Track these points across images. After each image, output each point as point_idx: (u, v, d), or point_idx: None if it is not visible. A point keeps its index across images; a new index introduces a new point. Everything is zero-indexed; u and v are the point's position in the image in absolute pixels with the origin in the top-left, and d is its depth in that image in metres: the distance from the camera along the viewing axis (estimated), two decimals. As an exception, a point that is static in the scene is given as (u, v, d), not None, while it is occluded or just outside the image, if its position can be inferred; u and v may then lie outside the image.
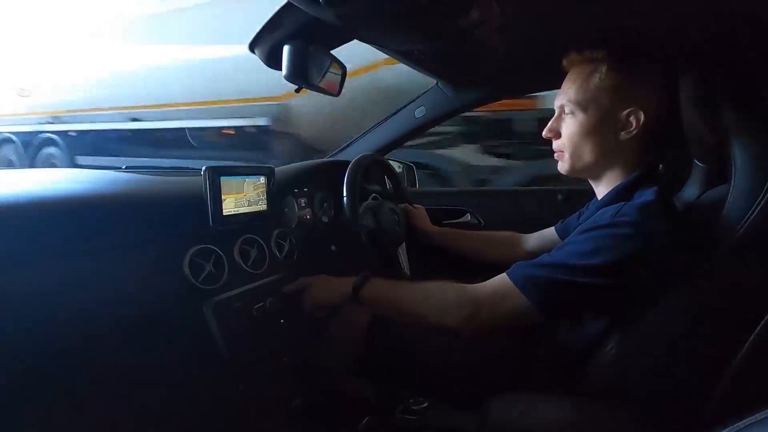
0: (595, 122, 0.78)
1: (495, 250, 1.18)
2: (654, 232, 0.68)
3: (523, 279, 0.71)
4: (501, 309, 0.72)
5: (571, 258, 0.70)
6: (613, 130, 0.78)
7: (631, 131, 0.76)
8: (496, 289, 0.73)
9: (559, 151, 0.85)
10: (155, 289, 0.75)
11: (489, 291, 0.74)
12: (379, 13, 0.78)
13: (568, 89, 0.82)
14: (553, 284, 0.70)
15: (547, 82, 1.33)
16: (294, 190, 1.23)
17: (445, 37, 0.88)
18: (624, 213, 0.70)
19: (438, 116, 1.49)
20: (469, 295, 0.74)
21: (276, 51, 0.99)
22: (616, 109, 0.77)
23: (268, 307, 0.92)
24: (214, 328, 0.81)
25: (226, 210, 0.88)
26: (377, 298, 0.84)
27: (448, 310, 0.74)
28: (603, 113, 0.78)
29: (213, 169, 0.87)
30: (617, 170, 0.81)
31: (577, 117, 0.80)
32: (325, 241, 1.19)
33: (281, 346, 0.95)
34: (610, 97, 0.77)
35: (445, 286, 0.77)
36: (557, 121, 0.84)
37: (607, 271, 0.68)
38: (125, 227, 0.76)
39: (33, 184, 0.82)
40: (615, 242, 0.68)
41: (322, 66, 1.06)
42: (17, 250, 0.60)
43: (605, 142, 0.79)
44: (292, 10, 0.89)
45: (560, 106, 0.84)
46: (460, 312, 0.73)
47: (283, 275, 1.00)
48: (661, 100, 0.77)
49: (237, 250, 0.91)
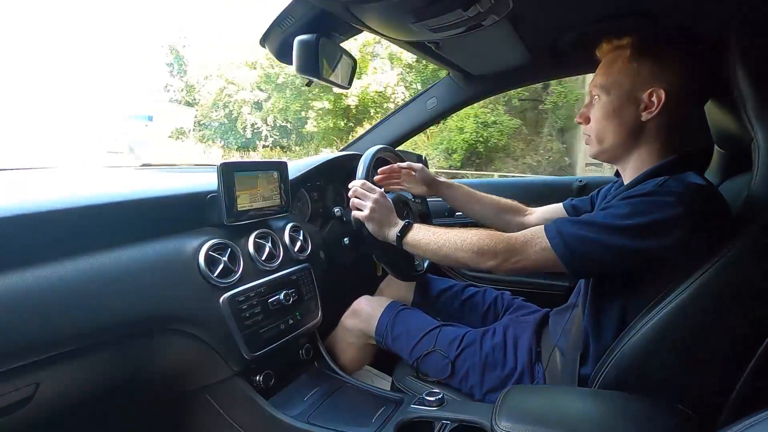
0: (618, 104, 0.80)
1: (499, 217, 1.19)
2: (698, 211, 0.68)
3: (554, 231, 0.76)
4: (531, 256, 0.77)
5: (606, 218, 0.73)
6: (635, 110, 0.78)
7: (652, 111, 0.77)
8: (529, 238, 0.78)
9: (587, 135, 0.87)
10: (172, 283, 0.77)
11: (522, 239, 0.79)
12: (389, 4, 0.78)
13: (595, 76, 0.84)
14: (579, 239, 0.73)
15: (560, 70, 1.31)
16: (307, 183, 1.24)
17: (457, 28, 0.87)
18: (669, 185, 0.71)
19: (449, 107, 1.48)
20: (504, 241, 0.80)
21: (286, 45, 0.99)
22: (636, 90, 0.78)
23: (282, 300, 0.93)
24: (230, 321, 0.82)
25: (240, 205, 0.89)
26: (418, 244, 0.91)
27: (484, 255, 0.81)
28: (624, 94, 0.79)
29: (227, 165, 0.88)
30: (643, 153, 0.81)
31: (601, 100, 0.82)
32: (337, 234, 1.20)
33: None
34: (631, 79, 0.78)
35: (482, 233, 0.83)
36: (588, 107, 0.86)
37: (639, 232, 0.69)
38: (142, 222, 0.77)
39: (53, 182, 0.84)
40: (654, 207, 0.69)
41: (333, 59, 1.06)
42: (41, 247, 0.62)
43: (627, 122, 0.80)
44: (302, 3, 0.89)
45: (590, 92, 0.86)
46: (495, 257, 0.80)
47: (296, 269, 1.01)
48: (683, 82, 0.76)
49: (251, 244, 0.92)
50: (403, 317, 1.04)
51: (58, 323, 0.61)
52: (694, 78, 0.77)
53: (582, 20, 0.95)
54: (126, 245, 0.73)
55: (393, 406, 0.89)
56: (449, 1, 0.75)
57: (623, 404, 0.67)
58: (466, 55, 1.22)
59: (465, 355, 0.94)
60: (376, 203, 0.96)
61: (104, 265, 0.68)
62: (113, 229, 0.72)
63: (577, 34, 1.00)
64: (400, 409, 0.87)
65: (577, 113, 1.42)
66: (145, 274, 0.73)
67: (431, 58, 1.23)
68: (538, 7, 0.89)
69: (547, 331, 0.97)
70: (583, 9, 0.90)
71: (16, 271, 0.59)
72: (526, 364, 0.91)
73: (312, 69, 0.98)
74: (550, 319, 0.99)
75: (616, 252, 0.71)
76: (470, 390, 0.92)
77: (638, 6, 0.85)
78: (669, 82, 0.76)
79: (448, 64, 1.29)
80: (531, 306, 1.12)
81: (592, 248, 0.72)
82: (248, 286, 0.88)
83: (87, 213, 0.69)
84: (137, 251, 0.74)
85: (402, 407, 0.87)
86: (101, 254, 0.69)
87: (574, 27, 0.97)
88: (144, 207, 0.79)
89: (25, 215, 0.62)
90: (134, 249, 0.74)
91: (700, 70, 0.77)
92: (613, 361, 0.72)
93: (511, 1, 0.78)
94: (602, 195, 0.99)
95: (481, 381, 0.92)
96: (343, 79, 1.14)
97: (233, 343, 0.83)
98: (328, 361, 1.06)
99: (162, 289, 0.75)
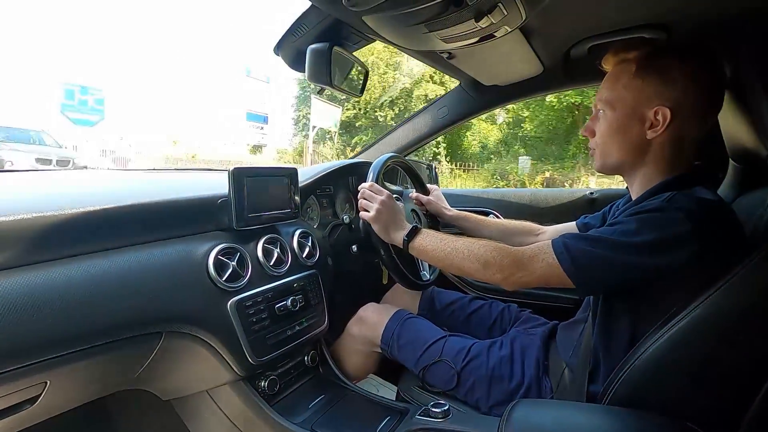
0: (622, 120, 0.79)
1: (511, 240, 1.19)
2: (706, 227, 0.67)
3: (561, 245, 0.75)
4: (537, 270, 0.76)
5: (613, 234, 0.71)
6: (640, 128, 0.77)
7: (657, 129, 0.75)
8: (536, 252, 0.77)
9: (592, 149, 0.86)
10: (181, 285, 0.77)
11: (529, 253, 0.78)
12: (402, 14, 0.78)
13: (600, 89, 0.83)
14: (586, 255, 0.72)
15: (572, 82, 1.31)
16: (316, 190, 1.25)
17: (469, 38, 0.87)
18: (677, 200, 0.70)
19: (460, 116, 1.48)
20: (511, 255, 0.79)
21: (300, 53, 1.00)
22: (641, 107, 0.76)
23: (289, 305, 0.93)
24: (237, 326, 0.83)
25: (249, 210, 0.90)
26: (424, 250, 0.91)
27: (490, 267, 0.80)
28: (629, 111, 0.78)
29: (238, 170, 0.88)
30: (651, 168, 0.79)
31: (606, 115, 0.81)
32: (345, 241, 1.20)
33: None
34: (636, 95, 0.77)
35: (489, 246, 0.82)
36: (593, 120, 0.85)
37: (646, 249, 0.68)
38: (152, 225, 0.78)
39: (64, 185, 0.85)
40: (661, 223, 0.68)
41: (345, 67, 1.07)
42: (56, 247, 0.64)
43: (633, 139, 0.78)
44: (315, 13, 0.90)
45: (595, 106, 0.85)
46: (501, 270, 0.79)
47: (303, 275, 1.01)
48: (691, 100, 0.74)
49: (260, 249, 0.92)
50: (409, 326, 1.04)
51: (70, 322, 0.62)
52: (703, 94, 0.74)
53: (595, 32, 0.95)
54: (138, 247, 0.74)
55: (398, 417, 0.88)
56: (462, 12, 0.75)
57: (634, 422, 0.65)
58: (478, 66, 1.22)
59: (471, 366, 0.93)
60: (383, 204, 0.96)
61: (116, 266, 0.69)
62: (126, 232, 0.74)
63: (590, 45, 1.00)
64: (405, 419, 0.86)
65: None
66: (155, 276, 0.74)
67: (443, 68, 1.24)
68: (551, 18, 0.89)
69: (555, 344, 0.96)
70: (596, 20, 0.90)
71: (31, 270, 0.60)
72: (533, 378, 0.90)
73: (324, 77, 0.99)
74: (558, 332, 0.98)
75: (622, 269, 0.70)
76: (476, 402, 0.91)
77: (651, 18, 0.84)
78: (675, 100, 0.74)
79: (460, 74, 1.30)
80: (539, 319, 1.10)
81: (598, 264, 0.71)
82: (256, 291, 0.88)
83: (101, 215, 0.70)
84: (149, 253, 0.75)
85: (407, 418, 0.86)
86: (114, 256, 0.70)
87: (587, 38, 0.97)
88: (157, 210, 0.80)
89: (42, 216, 0.63)
90: (146, 251, 0.74)
91: (710, 86, 0.75)
92: (623, 378, 0.71)
93: (524, 13, 0.78)
94: (613, 210, 0.97)
95: (487, 393, 0.90)
96: (355, 87, 1.15)
97: (239, 347, 0.83)
98: (333, 368, 1.06)
99: (171, 291, 0.75)
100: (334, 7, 0.83)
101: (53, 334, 0.60)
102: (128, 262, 0.71)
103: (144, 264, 0.73)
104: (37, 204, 0.65)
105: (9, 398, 0.60)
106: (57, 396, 0.66)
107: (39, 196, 0.74)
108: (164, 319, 0.74)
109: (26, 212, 0.62)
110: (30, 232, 0.61)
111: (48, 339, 0.60)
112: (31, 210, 0.62)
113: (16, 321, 0.56)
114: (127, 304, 0.69)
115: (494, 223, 1.25)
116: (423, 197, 1.29)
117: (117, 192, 0.84)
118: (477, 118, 1.56)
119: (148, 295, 0.72)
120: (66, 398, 0.70)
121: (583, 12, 0.87)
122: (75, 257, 0.65)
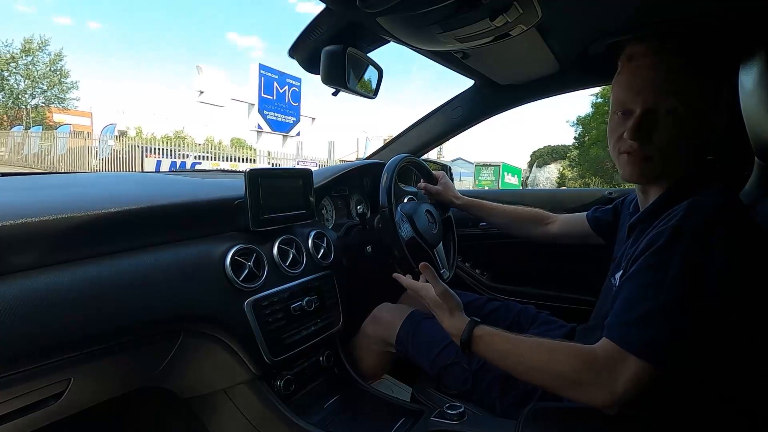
0: (690, 119, 0.69)
1: (522, 227, 1.20)
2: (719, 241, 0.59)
3: (638, 344, 0.60)
4: (620, 380, 0.60)
5: (662, 293, 0.60)
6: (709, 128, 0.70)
7: None
8: (608, 358, 0.62)
9: (630, 153, 0.74)
10: (199, 286, 0.79)
11: (603, 358, 0.62)
12: (416, 15, 0.78)
13: (650, 85, 0.72)
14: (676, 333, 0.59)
15: (589, 80, 1.29)
16: (331, 191, 1.25)
17: (484, 37, 0.86)
18: (695, 206, 0.62)
19: (475, 116, 1.47)
20: (583, 360, 0.64)
21: (315, 56, 1.01)
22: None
23: (305, 306, 0.93)
24: (254, 325, 0.84)
25: (265, 211, 0.91)
26: (486, 351, 0.75)
27: (563, 376, 0.65)
28: (700, 107, 0.69)
29: (254, 172, 0.90)
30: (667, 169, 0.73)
31: (678, 113, 0.69)
32: (360, 242, 1.20)
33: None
34: (698, 90, 0.69)
35: (556, 348, 0.67)
36: (640, 122, 0.72)
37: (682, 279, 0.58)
38: (173, 225, 0.80)
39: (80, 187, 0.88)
40: (687, 248, 0.59)
41: (360, 69, 1.07)
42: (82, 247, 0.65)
43: (700, 142, 0.71)
44: (329, 15, 0.91)
45: (623, 104, 0.75)
46: (578, 382, 0.63)
47: (319, 276, 1.02)
48: (706, 92, 0.69)
49: (276, 250, 0.93)
50: (424, 326, 1.03)
51: (94, 321, 0.63)
52: (720, 93, 0.70)
53: (613, 28, 0.93)
54: (160, 247, 0.76)
55: (413, 418, 0.88)
56: (476, 12, 0.75)
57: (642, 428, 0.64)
58: (493, 65, 1.21)
59: (487, 368, 0.92)
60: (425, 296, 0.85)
61: (138, 266, 0.71)
62: (149, 232, 0.75)
63: (608, 42, 0.98)
64: (420, 421, 0.86)
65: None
66: (176, 276, 0.75)
67: (457, 67, 1.23)
68: (567, 16, 0.88)
69: None
70: (614, 17, 0.88)
71: (56, 270, 0.62)
72: None
73: (339, 79, 0.99)
74: (577, 335, 0.96)
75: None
76: (492, 404, 0.90)
77: (670, 13, 0.82)
78: (688, 92, 0.68)
79: (475, 73, 1.29)
80: (557, 321, 1.08)
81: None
82: (272, 291, 0.89)
83: (125, 216, 0.72)
84: (168, 254, 0.76)
85: (422, 420, 0.86)
86: (135, 256, 0.72)
87: (605, 35, 0.95)
88: (178, 211, 0.81)
89: (67, 217, 0.65)
90: (166, 251, 0.76)
91: (727, 84, 0.71)
92: None
93: (539, 11, 0.78)
94: (627, 204, 0.94)
95: (502, 396, 0.89)
96: (370, 88, 1.15)
97: (255, 346, 0.84)
98: (348, 368, 1.06)
99: (191, 290, 0.77)
100: (349, 9, 0.83)
101: (77, 332, 0.62)
102: (150, 261, 0.73)
103: (165, 264, 0.74)
104: (62, 205, 0.66)
105: (35, 394, 0.62)
106: (80, 392, 0.68)
107: (65, 197, 0.76)
108: (183, 319, 0.75)
109: (52, 213, 0.63)
110: (55, 233, 0.63)
111: (72, 337, 0.62)
112: (57, 211, 0.64)
113: (43, 320, 0.58)
114: (149, 303, 0.70)
115: (504, 210, 1.24)
116: (432, 187, 1.28)
117: (140, 193, 0.86)
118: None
119: (168, 294, 0.73)
120: (89, 395, 0.72)
121: (600, 8, 0.85)
122: (98, 257, 0.67)
